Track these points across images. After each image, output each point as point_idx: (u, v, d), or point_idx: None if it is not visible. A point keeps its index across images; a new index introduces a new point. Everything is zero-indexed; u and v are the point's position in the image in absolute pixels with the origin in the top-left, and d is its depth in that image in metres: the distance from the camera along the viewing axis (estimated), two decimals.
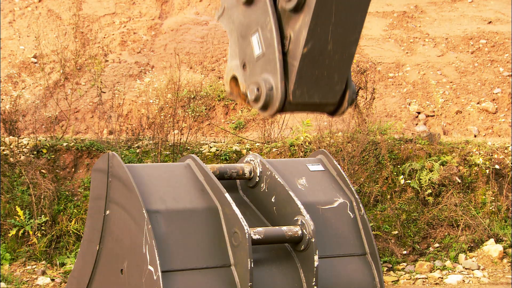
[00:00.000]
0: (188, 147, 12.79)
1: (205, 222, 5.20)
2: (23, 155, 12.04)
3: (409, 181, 12.59)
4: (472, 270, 11.81)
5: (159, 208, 5.14)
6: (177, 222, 5.14)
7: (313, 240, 5.23)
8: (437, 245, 12.40)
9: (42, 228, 11.46)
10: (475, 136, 15.13)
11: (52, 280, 10.97)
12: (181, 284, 4.93)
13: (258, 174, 5.93)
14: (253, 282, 4.97)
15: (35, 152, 12.13)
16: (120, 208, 5.30)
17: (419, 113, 15.69)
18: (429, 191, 12.54)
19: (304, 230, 5.32)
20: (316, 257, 5.14)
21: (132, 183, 5.12)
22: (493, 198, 12.81)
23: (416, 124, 15.41)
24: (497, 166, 12.96)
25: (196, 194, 5.35)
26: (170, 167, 5.79)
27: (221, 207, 5.24)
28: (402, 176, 12.63)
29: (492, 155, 13.10)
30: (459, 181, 12.72)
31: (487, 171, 12.88)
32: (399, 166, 12.77)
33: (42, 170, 11.89)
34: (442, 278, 11.54)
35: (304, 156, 12.16)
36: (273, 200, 5.71)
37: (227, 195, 5.20)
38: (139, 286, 5.01)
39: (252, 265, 4.94)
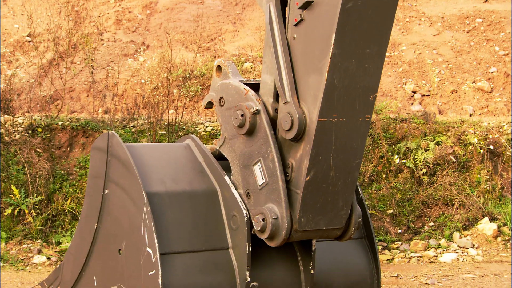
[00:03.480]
0: (184, 127, 12.76)
1: (204, 205, 5.19)
2: (18, 134, 12.01)
3: (404, 161, 12.61)
4: (467, 248, 11.87)
5: (158, 190, 5.11)
6: (176, 205, 5.12)
7: None
8: (431, 224, 12.45)
9: (38, 207, 11.45)
10: (470, 115, 15.14)
11: (48, 258, 10.98)
12: (179, 267, 4.93)
13: None
14: (251, 266, 4.97)
15: (30, 131, 12.10)
16: (119, 189, 5.28)
17: (414, 92, 15.68)
18: (424, 170, 12.57)
19: None
20: (313, 241, 5.14)
21: (132, 164, 5.08)
22: (488, 177, 12.85)
23: (412, 104, 15.41)
24: (491, 146, 12.99)
25: (195, 176, 5.33)
26: (170, 147, 5.75)
27: (220, 189, 5.22)
28: (397, 156, 12.65)
29: (487, 135, 13.12)
30: (454, 160, 12.75)
31: (482, 150, 12.91)
32: (394, 145, 12.78)
33: (37, 149, 11.86)
34: (436, 256, 11.60)
35: None
36: None
37: (226, 177, 5.18)
38: (137, 267, 5.01)
39: (250, 249, 4.93)
